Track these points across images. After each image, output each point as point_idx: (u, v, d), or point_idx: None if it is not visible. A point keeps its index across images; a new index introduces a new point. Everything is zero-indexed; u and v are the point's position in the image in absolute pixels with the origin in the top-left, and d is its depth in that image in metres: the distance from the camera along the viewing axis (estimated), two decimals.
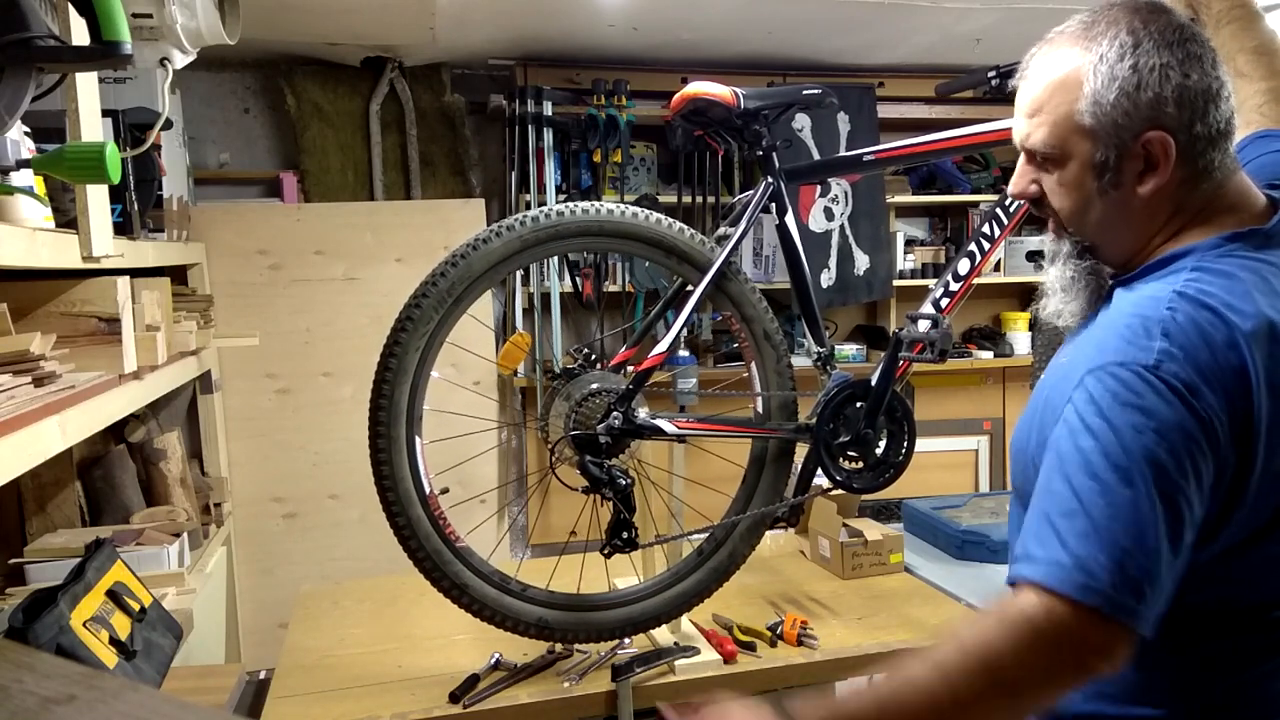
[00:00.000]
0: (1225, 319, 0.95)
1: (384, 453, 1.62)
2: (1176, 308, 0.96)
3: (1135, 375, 0.94)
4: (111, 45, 1.08)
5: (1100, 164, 1.04)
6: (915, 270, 4.07)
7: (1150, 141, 1.01)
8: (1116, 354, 0.96)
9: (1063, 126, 1.04)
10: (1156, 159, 1.02)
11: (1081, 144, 1.04)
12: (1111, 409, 0.94)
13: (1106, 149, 1.03)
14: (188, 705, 0.62)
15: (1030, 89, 1.08)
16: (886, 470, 1.83)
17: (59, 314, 1.75)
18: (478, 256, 1.64)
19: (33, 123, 1.55)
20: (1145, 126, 1.01)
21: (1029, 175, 1.11)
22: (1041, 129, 1.06)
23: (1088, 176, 1.05)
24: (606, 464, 1.67)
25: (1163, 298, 0.98)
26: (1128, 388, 0.94)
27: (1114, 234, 1.08)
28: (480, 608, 1.69)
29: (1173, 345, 0.94)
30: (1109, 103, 1.01)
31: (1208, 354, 0.94)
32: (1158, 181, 1.03)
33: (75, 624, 1.65)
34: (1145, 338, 0.95)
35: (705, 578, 1.83)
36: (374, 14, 2.96)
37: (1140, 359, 0.94)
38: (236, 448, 3.40)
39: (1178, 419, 0.92)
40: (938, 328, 1.75)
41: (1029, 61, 1.10)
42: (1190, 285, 0.99)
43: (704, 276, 1.75)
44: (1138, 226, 1.07)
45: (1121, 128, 1.01)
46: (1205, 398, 0.92)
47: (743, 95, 1.77)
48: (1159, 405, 0.92)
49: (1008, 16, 3.10)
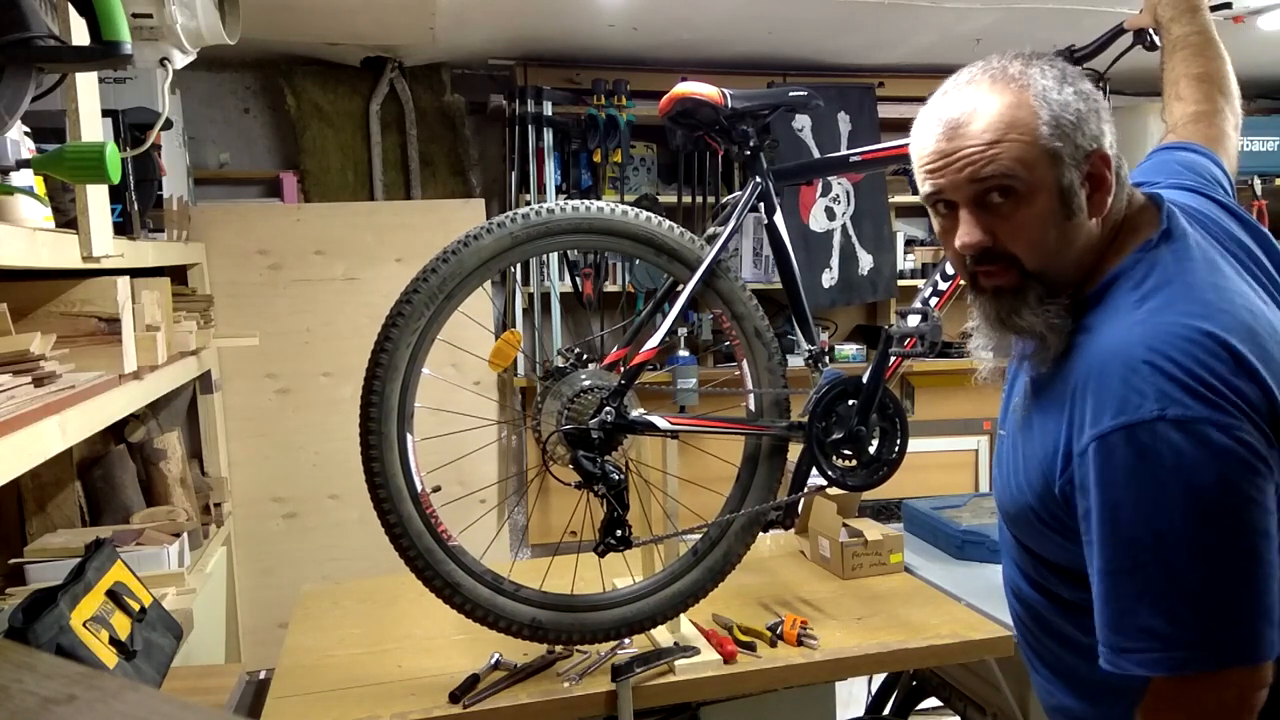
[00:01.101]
0: (1203, 330, 0.96)
1: (375, 449, 1.62)
2: (1152, 344, 0.97)
3: (1150, 432, 0.94)
4: (111, 45, 1.08)
5: (1067, 188, 1.05)
6: (915, 270, 4.07)
7: (1101, 159, 1.05)
8: (1118, 415, 0.96)
9: (1029, 155, 1.03)
10: (1102, 177, 1.06)
11: (1049, 171, 1.04)
12: (1147, 479, 0.94)
13: (1070, 170, 1.04)
14: (188, 705, 0.62)
15: (972, 131, 1.04)
16: (881, 467, 1.84)
17: (59, 314, 1.75)
18: (469, 253, 1.64)
19: (33, 123, 1.55)
20: (1094, 145, 1.05)
21: (979, 224, 1.06)
22: (1005, 158, 1.03)
23: (1056, 203, 1.05)
24: (599, 459, 1.68)
25: (1132, 339, 0.99)
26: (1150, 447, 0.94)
27: (1070, 261, 1.08)
28: (472, 608, 1.69)
29: (1169, 386, 0.94)
30: (1069, 123, 1.03)
31: (1204, 377, 0.94)
32: (1107, 198, 1.07)
33: (75, 624, 1.65)
34: (1132, 390, 0.96)
35: (701, 577, 1.83)
36: (374, 14, 2.96)
37: (1144, 414, 0.94)
38: (236, 448, 3.40)
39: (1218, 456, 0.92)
40: (927, 321, 1.75)
41: (952, 110, 1.06)
42: (1145, 313, 1.01)
43: (694, 274, 1.75)
44: (1087, 247, 1.08)
45: (1079, 148, 1.04)
46: (1221, 420, 0.93)
47: (731, 96, 1.78)
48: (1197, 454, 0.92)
49: (1008, 16, 3.10)
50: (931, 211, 1.14)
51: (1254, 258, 1.14)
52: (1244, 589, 0.93)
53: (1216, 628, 0.93)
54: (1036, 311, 1.08)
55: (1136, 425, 0.94)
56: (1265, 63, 3.85)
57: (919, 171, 1.12)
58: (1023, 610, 1.23)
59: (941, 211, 1.12)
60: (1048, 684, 1.21)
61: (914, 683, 2.46)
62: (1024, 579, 1.20)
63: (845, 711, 2.34)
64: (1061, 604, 1.14)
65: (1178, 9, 1.46)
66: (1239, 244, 1.14)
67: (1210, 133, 1.35)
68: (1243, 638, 0.93)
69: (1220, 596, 0.93)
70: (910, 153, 1.14)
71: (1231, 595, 0.93)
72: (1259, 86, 4.29)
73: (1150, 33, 1.55)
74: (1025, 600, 1.21)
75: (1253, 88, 4.24)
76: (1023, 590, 1.21)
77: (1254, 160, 3.93)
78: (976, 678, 2.18)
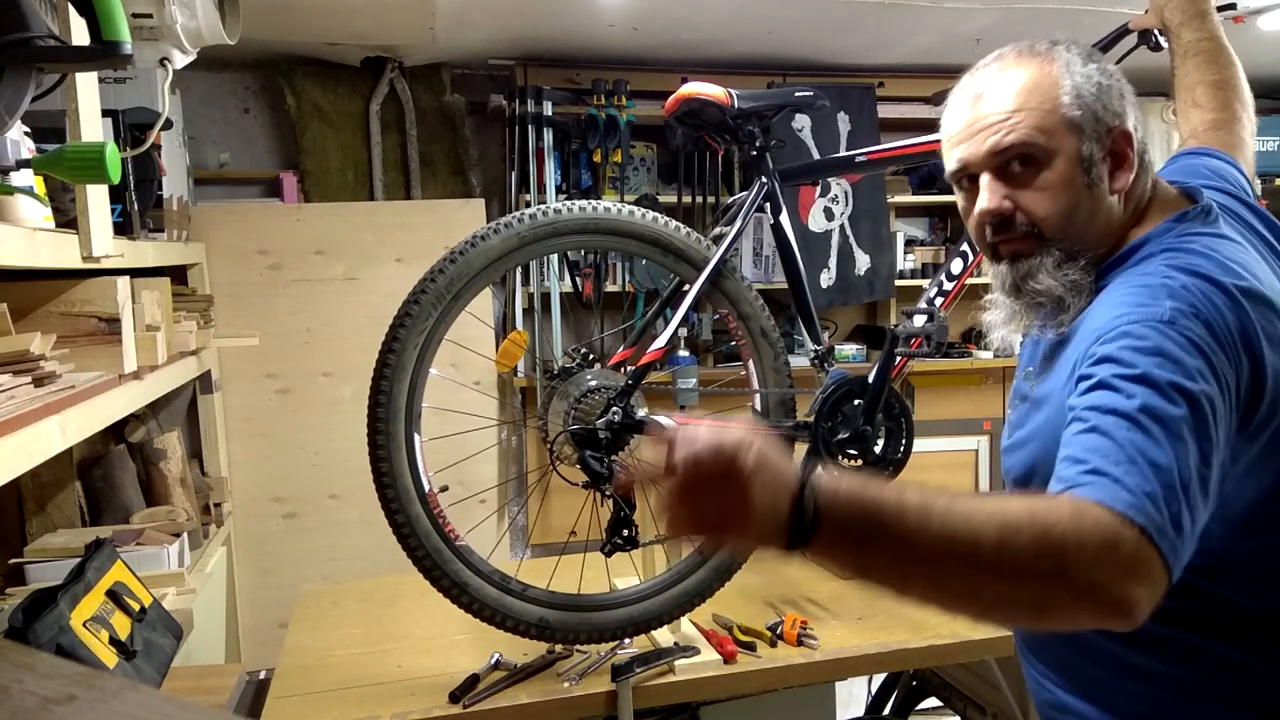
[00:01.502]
0: (1219, 282, 0.97)
1: (383, 450, 1.62)
2: (1174, 277, 0.99)
3: (1153, 329, 0.94)
4: (111, 45, 1.08)
5: (1087, 158, 1.07)
6: (915, 270, 4.07)
7: (1122, 135, 1.08)
8: (1127, 318, 0.96)
9: (1048, 121, 1.06)
10: (1124, 153, 1.08)
11: (1069, 139, 1.07)
12: (1141, 352, 0.93)
13: (1090, 142, 1.07)
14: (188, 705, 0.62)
15: (1001, 99, 1.08)
16: (886, 468, 1.84)
17: (59, 314, 1.75)
18: (476, 253, 1.65)
19: (33, 123, 1.55)
20: (1117, 121, 1.07)
21: (1000, 191, 1.09)
22: (1024, 126, 1.06)
23: (1076, 171, 1.07)
24: (606, 459, 1.68)
25: (1155, 272, 1.00)
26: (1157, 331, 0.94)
27: (1092, 232, 1.10)
28: (480, 607, 1.69)
29: (1181, 303, 0.95)
30: (1091, 95, 1.06)
31: (1213, 313, 0.95)
32: (1128, 175, 1.09)
33: (75, 624, 1.65)
34: (1152, 301, 0.97)
35: (707, 577, 1.83)
36: (374, 14, 2.96)
37: (1156, 314, 0.95)
38: (236, 448, 3.40)
39: (1199, 363, 0.92)
40: (933, 321, 1.75)
41: (981, 85, 1.10)
42: (1173, 261, 1.02)
43: (700, 274, 1.75)
44: (1110, 222, 1.11)
45: (1100, 121, 1.07)
46: (1219, 354, 0.93)
47: (737, 96, 1.78)
48: (1183, 351, 0.93)
49: (1008, 16, 3.10)
50: (956, 190, 1.17)
51: (1275, 252, 1.15)
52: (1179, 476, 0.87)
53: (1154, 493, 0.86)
54: (1054, 274, 1.09)
55: (1138, 321, 0.95)
56: (1265, 63, 3.85)
57: (946, 149, 1.15)
58: None
59: (965, 187, 1.15)
60: (1041, 677, 1.20)
61: (914, 683, 2.46)
62: None
63: (845, 711, 2.34)
64: None
65: (1186, 14, 1.46)
66: (1268, 245, 1.16)
67: (1231, 140, 1.37)
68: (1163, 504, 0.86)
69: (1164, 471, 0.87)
70: (941, 134, 1.17)
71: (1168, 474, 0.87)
72: (1259, 86, 4.25)
73: (1155, 34, 1.55)
74: None
75: (1253, 88, 4.23)
76: None
77: (1255, 160, 3.93)
78: (976, 678, 2.18)
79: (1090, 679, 1.12)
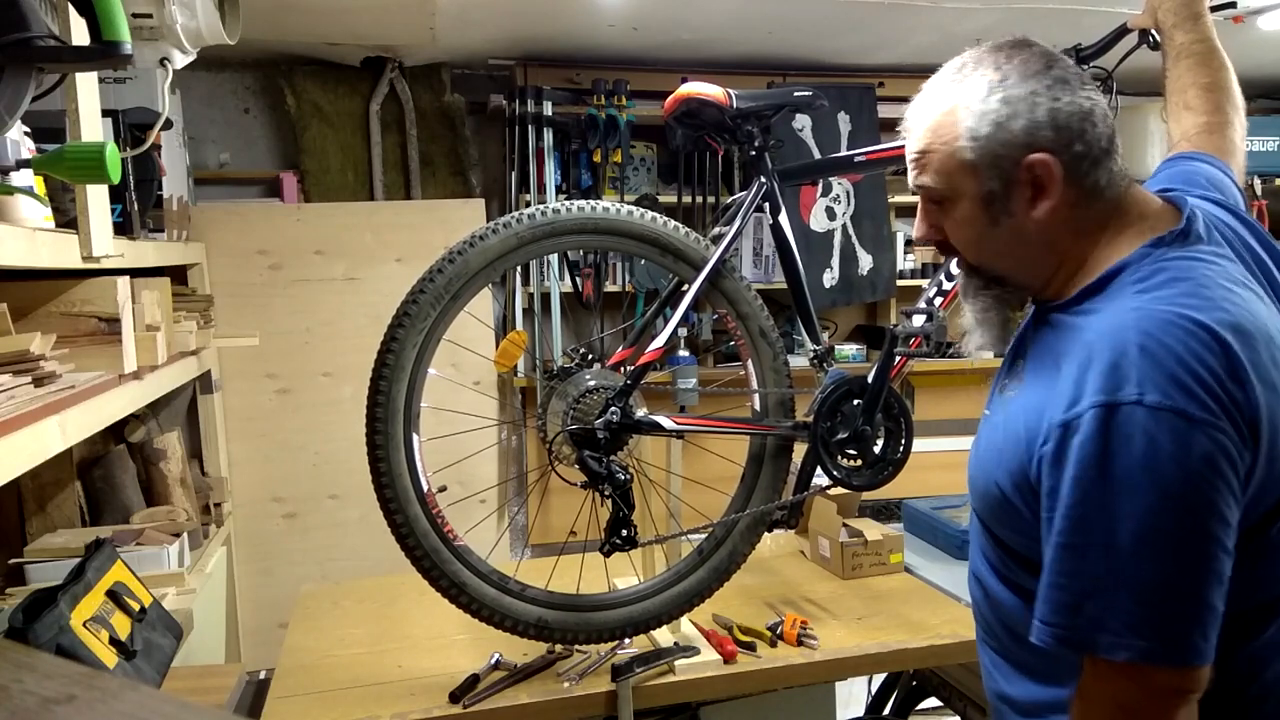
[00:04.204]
0: (1198, 322, 0.95)
1: (381, 450, 1.62)
2: (1145, 328, 0.96)
3: (1128, 415, 0.93)
4: (111, 45, 1.08)
5: (988, 195, 1.08)
6: (915, 270, 4.07)
7: (1034, 165, 1.05)
8: (1100, 393, 0.95)
9: (948, 165, 1.09)
10: (1043, 182, 1.06)
11: (967, 180, 1.08)
12: (1114, 457, 0.93)
13: (991, 180, 1.07)
14: (188, 705, 0.62)
15: (913, 137, 1.13)
16: (885, 468, 1.83)
17: (59, 314, 1.75)
18: (474, 253, 1.65)
19: (33, 123, 1.55)
20: (1024, 152, 1.05)
21: (929, 219, 1.15)
22: (929, 171, 1.11)
23: (979, 210, 1.09)
24: (605, 459, 1.68)
25: (1126, 323, 0.98)
26: (1124, 430, 0.93)
27: (1019, 262, 1.12)
28: (479, 607, 1.69)
29: (1153, 372, 0.93)
30: (985, 135, 1.06)
31: (1192, 366, 0.93)
32: (1050, 203, 1.07)
33: (75, 624, 1.65)
34: (1118, 371, 0.95)
35: (706, 577, 1.83)
36: (374, 14, 2.96)
37: (1124, 396, 0.93)
38: (236, 448, 3.40)
39: (1189, 450, 0.91)
40: (933, 321, 1.75)
41: (908, 113, 1.15)
42: (1145, 300, 1.00)
43: (699, 274, 1.75)
44: (1041, 251, 1.10)
45: (1001, 157, 1.06)
46: (1203, 415, 0.91)
47: (736, 96, 1.78)
48: (1169, 445, 0.91)
49: (1008, 16, 3.10)
50: None
51: (1264, 267, 1.14)
52: (1184, 590, 0.93)
53: (1150, 621, 0.93)
54: (972, 300, 1.17)
55: (1114, 405, 0.94)
56: (1265, 63, 3.85)
57: None
58: (982, 598, 1.22)
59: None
60: (994, 669, 1.21)
61: (914, 683, 2.45)
62: (987, 566, 1.19)
63: (845, 711, 2.34)
64: (1023, 595, 1.13)
65: (1179, 16, 1.45)
66: (1253, 255, 1.14)
67: (1223, 145, 1.36)
68: (1174, 637, 0.93)
69: (1160, 592, 0.93)
70: None
71: (1172, 593, 0.93)
72: (1259, 86, 4.29)
73: (1153, 33, 1.55)
74: (986, 588, 1.20)
75: (1253, 88, 4.24)
76: (985, 578, 1.20)
77: (1254, 160, 3.94)
78: (976, 678, 2.18)
79: (1040, 672, 1.13)
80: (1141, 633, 0.93)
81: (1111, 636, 0.94)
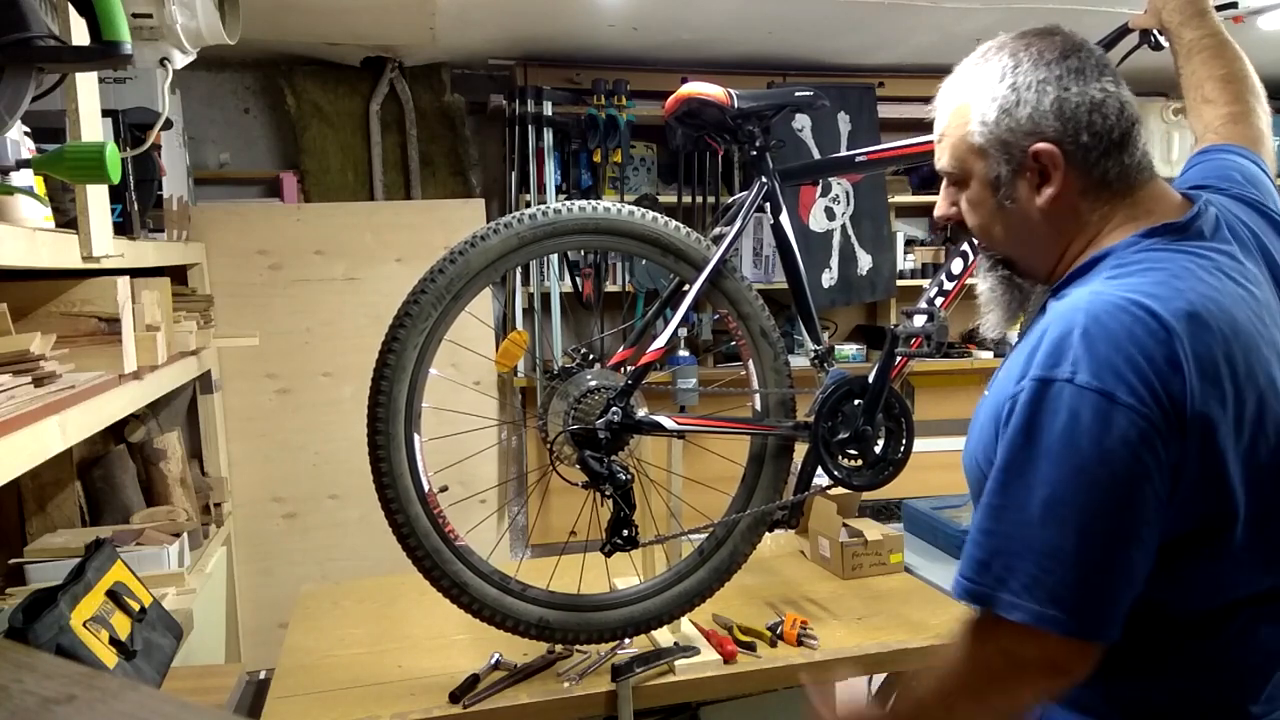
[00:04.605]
0: (1148, 309, 0.96)
1: (382, 450, 1.62)
2: (1094, 312, 0.97)
3: (1058, 391, 0.95)
4: (111, 45, 1.08)
5: (995, 179, 1.11)
6: (915, 270, 4.07)
7: (1039, 153, 1.07)
8: (1039, 368, 0.98)
9: (960, 148, 1.13)
10: (1048, 170, 1.08)
11: (977, 163, 1.12)
12: (1040, 429, 0.96)
13: (998, 165, 1.10)
14: (188, 705, 0.62)
15: (938, 119, 1.17)
16: (886, 468, 1.83)
17: (59, 314, 1.75)
18: (476, 253, 1.65)
19: (33, 123, 1.55)
20: (1030, 140, 1.07)
21: (949, 198, 1.19)
22: (945, 153, 1.15)
23: (987, 192, 1.12)
24: (606, 459, 1.68)
25: (1080, 305, 1.00)
26: (1052, 404, 0.95)
27: (1026, 247, 1.15)
28: (480, 607, 1.69)
29: (1088, 353, 0.95)
30: (993, 121, 1.08)
31: (1128, 351, 0.94)
32: (1053, 191, 1.08)
33: (75, 624, 1.65)
34: (1060, 350, 0.97)
35: (706, 577, 1.83)
36: (374, 14, 2.96)
37: (1059, 373, 0.96)
38: (236, 448, 3.40)
39: (1109, 430, 0.93)
40: (933, 321, 1.75)
41: (936, 96, 1.18)
42: (1108, 285, 1.01)
43: (700, 274, 1.75)
44: (1046, 237, 1.12)
45: (1007, 144, 1.08)
46: (1128, 399, 0.93)
47: (737, 96, 1.78)
48: (1089, 422, 0.94)
49: (1008, 16, 3.10)
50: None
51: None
52: (1086, 562, 0.94)
53: (1045, 585, 0.95)
54: (984, 279, 1.21)
55: (1048, 381, 0.96)
56: (1265, 62, 3.83)
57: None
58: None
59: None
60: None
61: None
62: None
63: None
64: None
65: (1185, 13, 1.44)
66: (1267, 255, 1.12)
67: (1250, 134, 1.34)
68: (1069, 607, 0.94)
69: (1062, 559, 0.95)
70: None
71: (1072, 563, 0.94)
72: None
73: (1155, 34, 1.55)
74: None
75: None
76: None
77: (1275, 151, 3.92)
78: None
79: None
80: (1037, 596, 0.95)
81: (1010, 595, 0.97)
